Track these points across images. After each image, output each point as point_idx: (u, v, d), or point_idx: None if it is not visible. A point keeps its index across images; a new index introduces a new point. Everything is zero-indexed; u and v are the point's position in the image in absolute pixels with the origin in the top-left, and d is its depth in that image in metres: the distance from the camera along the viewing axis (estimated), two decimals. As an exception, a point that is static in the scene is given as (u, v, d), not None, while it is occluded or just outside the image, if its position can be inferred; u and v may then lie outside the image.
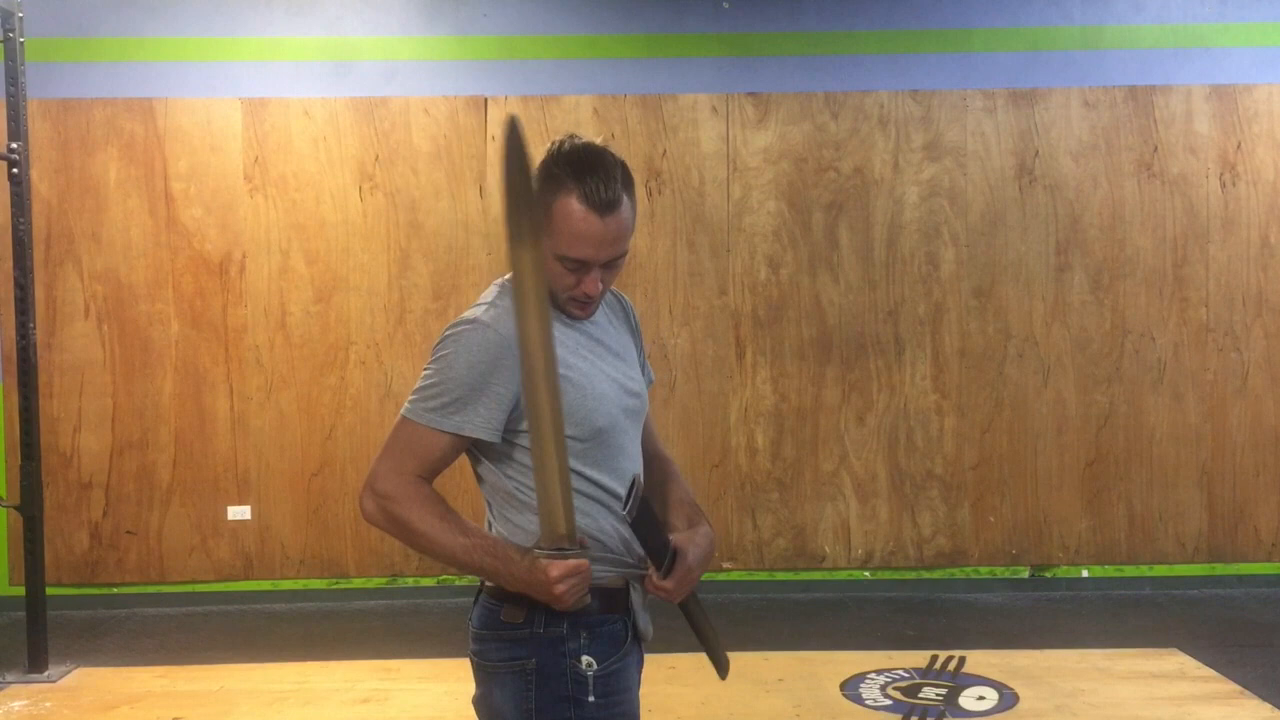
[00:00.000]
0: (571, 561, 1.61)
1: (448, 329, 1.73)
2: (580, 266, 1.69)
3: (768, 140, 5.19)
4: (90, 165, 5.07)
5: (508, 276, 1.80)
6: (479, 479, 1.80)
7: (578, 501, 1.67)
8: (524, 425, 1.69)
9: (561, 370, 1.65)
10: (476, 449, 1.75)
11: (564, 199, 1.65)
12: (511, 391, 1.68)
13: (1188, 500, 5.27)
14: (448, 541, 1.67)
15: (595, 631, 1.73)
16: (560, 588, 1.61)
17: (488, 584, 1.77)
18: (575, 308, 1.75)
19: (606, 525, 1.75)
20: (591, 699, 1.70)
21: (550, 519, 1.61)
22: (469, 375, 1.67)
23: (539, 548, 1.63)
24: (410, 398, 1.72)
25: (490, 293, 1.78)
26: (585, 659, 1.71)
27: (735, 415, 5.22)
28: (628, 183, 1.69)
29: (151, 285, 5.09)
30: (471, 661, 1.80)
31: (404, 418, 1.71)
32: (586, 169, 1.65)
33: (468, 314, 1.74)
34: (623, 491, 1.72)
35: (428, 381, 1.70)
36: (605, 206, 1.65)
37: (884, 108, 5.19)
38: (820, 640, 4.55)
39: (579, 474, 1.70)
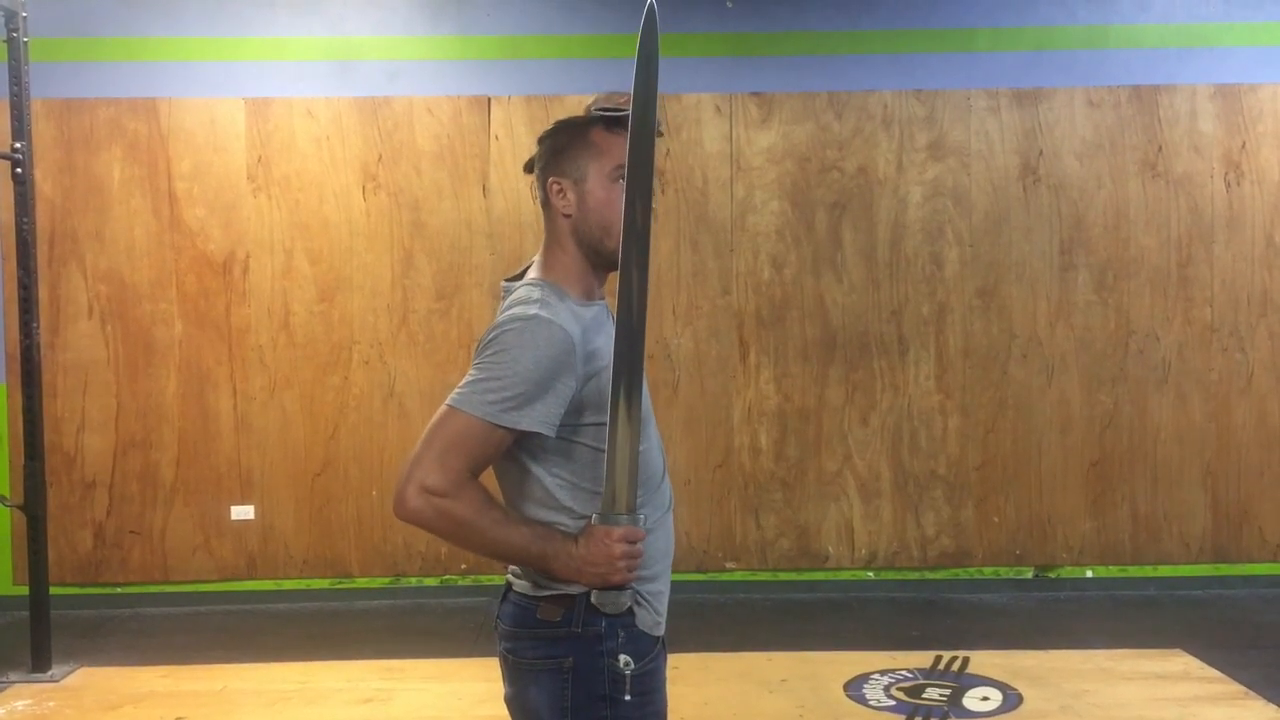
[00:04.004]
0: (630, 527, 1.65)
1: (503, 323, 1.68)
2: None
3: (771, 140, 5.18)
4: (94, 165, 5.07)
5: (536, 277, 1.79)
6: (503, 475, 1.78)
7: None
8: (583, 420, 1.70)
9: (605, 361, 1.69)
10: (519, 445, 1.71)
11: (595, 129, 1.80)
12: (572, 387, 1.67)
13: (1192, 500, 5.26)
14: (504, 533, 1.66)
15: (632, 630, 1.73)
16: (620, 547, 1.63)
17: (519, 583, 1.76)
18: None
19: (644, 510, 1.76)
20: (628, 698, 1.70)
21: (615, 492, 1.64)
22: (535, 370, 1.63)
23: (596, 513, 1.67)
24: (461, 390, 1.66)
25: (532, 292, 1.74)
26: (623, 658, 1.70)
27: (739, 415, 5.22)
28: None
29: (155, 285, 5.10)
30: (504, 660, 1.79)
31: (454, 410, 1.64)
32: (593, 116, 1.84)
33: (521, 310, 1.69)
34: (654, 481, 1.79)
35: (485, 374, 1.65)
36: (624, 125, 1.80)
37: (888, 107, 5.18)
38: (824, 640, 4.55)
39: None
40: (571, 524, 1.70)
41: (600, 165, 1.77)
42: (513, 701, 1.78)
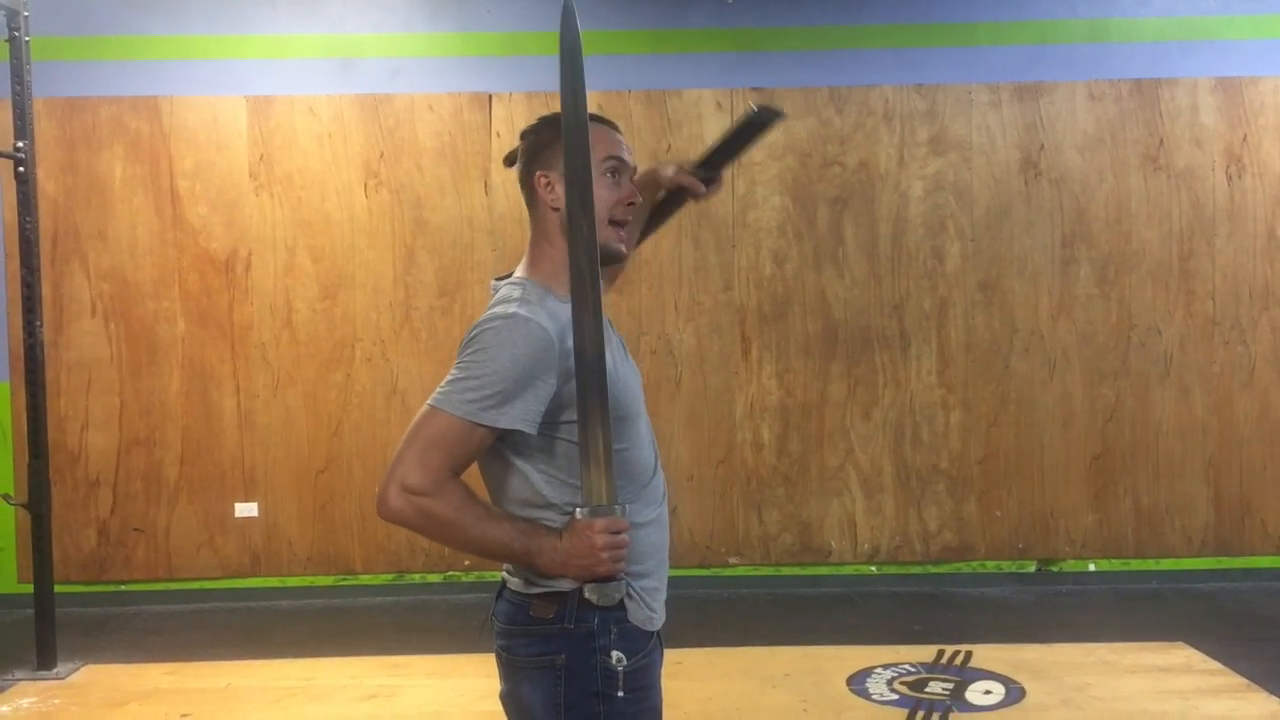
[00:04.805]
0: (612, 518, 1.65)
1: (483, 323, 1.70)
2: (620, 166, 1.83)
3: (772, 135, 5.15)
4: (96, 163, 5.08)
5: (520, 276, 1.81)
6: (489, 473, 1.78)
7: None
8: (564, 417, 1.70)
9: None
10: (503, 442, 1.72)
11: None
12: (552, 385, 1.67)
13: (1194, 494, 5.26)
14: (485, 530, 1.67)
15: (624, 626, 1.73)
16: (602, 539, 1.63)
17: (512, 580, 1.77)
18: (622, 213, 1.83)
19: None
20: (621, 694, 1.70)
21: (594, 486, 1.64)
22: (513, 369, 1.64)
23: (578, 506, 1.67)
24: (441, 389, 1.67)
25: (514, 291, 1.76)
26: (615, 654, 1.71)
27: (741, 410, 5.22)
28: None
29: (158, 283, 5.11)
30: (498, 657, 1.79)
31: (434, 409, 1.66)
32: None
33: (501, 309, 1.71)
34: (643, 478, 1.79)
35: (465, 374, 1.66)
36: (610, 124, 1.88)
37: (889, 102, 5.18)
38: (827, 635, 4.56)
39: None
40: (559, 519, 1.71)
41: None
42: (507, 698, 1.79)
